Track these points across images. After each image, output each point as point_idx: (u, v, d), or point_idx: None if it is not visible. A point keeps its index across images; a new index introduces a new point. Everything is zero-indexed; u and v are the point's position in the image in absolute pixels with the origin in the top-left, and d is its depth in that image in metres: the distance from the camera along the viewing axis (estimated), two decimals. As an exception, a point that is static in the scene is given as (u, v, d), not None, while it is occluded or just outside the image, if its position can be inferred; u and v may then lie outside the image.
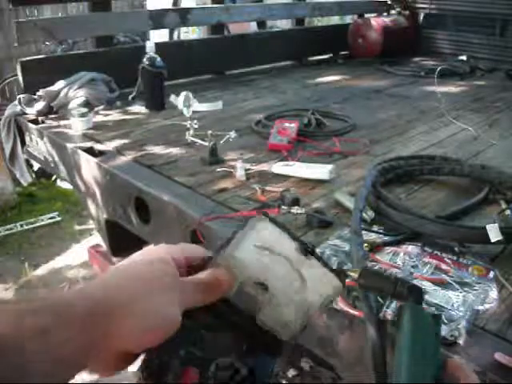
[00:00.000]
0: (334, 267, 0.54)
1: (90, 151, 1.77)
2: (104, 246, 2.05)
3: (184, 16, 2.85)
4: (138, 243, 1.43)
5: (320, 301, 0.51)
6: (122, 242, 1.84)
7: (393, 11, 4.11)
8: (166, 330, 0.42)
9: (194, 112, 2.08)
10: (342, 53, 3.81)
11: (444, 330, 0.85)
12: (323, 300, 0.51)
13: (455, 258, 1.08)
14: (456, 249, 1.11)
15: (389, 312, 0.90)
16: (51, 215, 3.58)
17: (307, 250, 0.51)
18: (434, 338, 0.45)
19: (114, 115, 2.23)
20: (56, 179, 3.65)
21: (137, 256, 0.48)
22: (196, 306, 0.46)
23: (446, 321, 0.87)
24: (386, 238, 1.16)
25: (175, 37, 5.37)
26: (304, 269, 0.51)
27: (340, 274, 0.52)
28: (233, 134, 1.81)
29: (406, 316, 0.46)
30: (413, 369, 0.42)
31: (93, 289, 0.42)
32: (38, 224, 3.49)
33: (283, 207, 1.26)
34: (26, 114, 2.18)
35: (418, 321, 0.45)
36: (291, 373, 1.34)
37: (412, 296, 0.48)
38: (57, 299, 0.40)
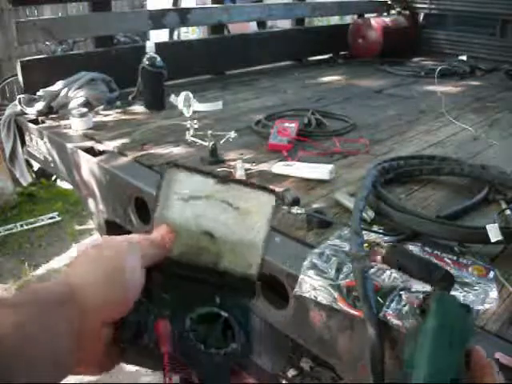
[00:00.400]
0: (334, 267, 0.54)
1: (89, 151, 1.77)
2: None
3: (184, 16, 2.85)
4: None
5: (266, 220, 0.51)
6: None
7: (393, 11, 4.11)
8: (133, 291, 0.45)
9: (194, 112, 2.08)
10: (342, 53, 3.81)
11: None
12: (268, 217, 0.51)
13: (455, 258, 1.08)
14: (456, 249, 1.11)
15: (389, 312, 0.90)
16: (51, 215, 3.59)
17: (225, 179, 0.51)
18: (461, 328, 0.42)
19: (114, 115, 2.22)
20: (56, 179, 3.65)
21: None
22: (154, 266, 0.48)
23: (446, 321, 0.87)
24: (386, 238, 1.16)
25: (175, 37, 5.37)
26: (233, 198, 0.51)
27: (265, 188, 0.51)
28: (233, 134, 1.81)
29: (436, 304, 0.43)
30: (437, 357, 0.40)
31: (66, 273, 0.45)
32: (37, 224, 3.49)
33: (283, 207, 1.26)
34: (26, 113, 2.18)
35: (448, 309, 0.43)
36: (291, 373, 1.34)
37: (443, 283, 0.46)
38: (39, 288, 0.42)
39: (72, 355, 0.41)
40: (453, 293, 0.95)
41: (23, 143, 2.24)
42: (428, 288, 0.50)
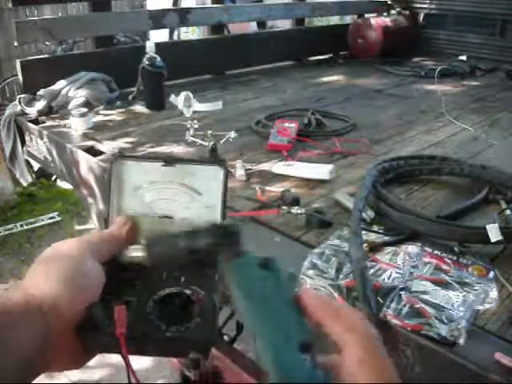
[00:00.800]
0: (334, 267, 0.53)
1: (90, 151, 1.77)
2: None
3: (184, 16, 2.85)
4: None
5: (220, 193, 0.51)
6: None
7: (393, 11, 4.11)
8: (92, 284, 0.45)
9: (194, 112, 2.08)
10: (342, 53, 3.81)
11: (444, 330, 0.85)
12: (221, 190, 0.51)
13: (455, 258, 1.08)
14: (456, 249, 1.11)
15: (389, 312, 0.90)
16: (51, 215, 3.59)
17: (172, 159, 0.51)
18: (273, 286, 0.35)
19: (114, 115, 2.22)
20: (56, 179, 3.65)
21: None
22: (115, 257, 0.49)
23: (446, 321, 0.87)
24: (386, 238, 1.16)
25: (175, 37, 5.37)
26: (183, 178, 0.51)
27: (215, 162, 0.51)
28: (233, 134, 1.81)
29: (232, 280, 0.36)
30: (265, 327, 0.33)
31: (22, 284, 0.45)
32: (37, 224, 3.49)
33: (283, 207, 1.26)
34: (26, 113, 2.18)
35: (250, 282, 0.35)
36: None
37: (225, 246, 0.38)
38: (2, 298, 0.43)
39: (41, 355, 0.41)
40: (453, 293, 0.95)
41: (23, 143, 2.24)
42: None
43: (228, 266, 0.36)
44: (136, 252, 0.50)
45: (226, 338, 1.38)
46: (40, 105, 2.17)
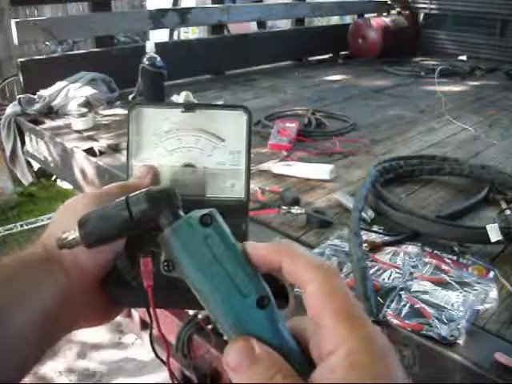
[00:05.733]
0: (334, 266, 0.51)
1: (90, 151, 1.77)
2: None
3: (184, 16, 2.85)
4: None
5: (243, 139, 0.49)
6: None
7: (393, 11, 4.11)
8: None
9: (194, 112, 2.08)
10: (342, 53, 3.81)
11: (444, 330, 0.85)
12: (245, 136, 0.49)
13: (455, 258, 1.08)
14: (456, 249, 1.11)
15: (389, 312, 0.90)
16: (51, 215, 3.58)
17: (192, 105, 0.49)
18: (225, 252, 0.32)
19: (114, 115, 2.22)
20: (56, 179, 3.65)
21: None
22: None
23: (446, 321, 0.87)
24: (386, 238, 1.16)
25: (175, 37, 5.37)
26: (204, 124, 0.49)
27: (237, 106, 0.49)
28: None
29: (173, 245, 0.32)
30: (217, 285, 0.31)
31: (44, 234, 0.45)
32: (37, 224, 3.49)
33: (283, 207, 1.26)
34: (26, 113, 2.18)
35: (192, 243, 0.32)
36: None
37: (162, 211, 0.34)
38: (21, 253, 0.43)
39: (64, 309, 0.41)
40: (453, 293, 0.95)
41: (23, 143, 2.24)
42: None
43: (168, 231, 0.33)
44: None
45: (225, 337, 1.38)
46: (40, 105, 2.17)
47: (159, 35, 4.86)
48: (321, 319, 0.29)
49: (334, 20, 5.21)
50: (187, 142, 0.49)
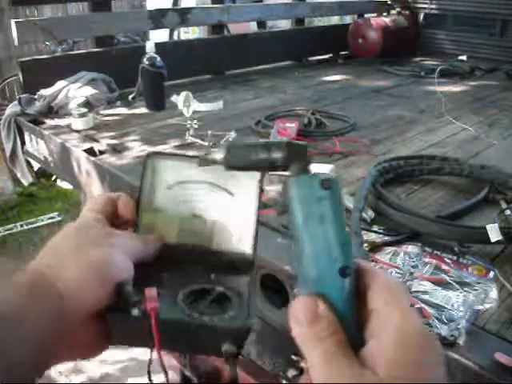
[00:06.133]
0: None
1: (90, 151, 1.77)
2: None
3: (184, 16, 2.85)
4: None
5: (254, 197, 0.50)
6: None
7: (393, 11, 4.11)
8: (119, 277, 0.42)
9: (194, 112, 2.08)
10: (342, 53, 3.81)
11: (444, 330, 0.85)
12: (256, 194, 0.50)
13: (455, 258, 1.08)
14: (456, 249, 1.11)
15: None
16: (51, 215, 3.59)
17: (208, 160, 0.48)
18: (330, 216, 0.35)
19: (114, 115, 2.23)
20: (56, 179, 3.65)
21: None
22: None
23: (446, 321, 0.87)
24: (386, 238, 1.16)
25: (175, 37, 5.37)
26: (218, 179, 0.50)
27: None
28: (233, 134, 1.81)
29: (292, 193, 0.36)
30: (312, 236, 0.34)
31: (32, 264, 0.42)
32: (38, 224, 3.49)
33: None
34: (26, 113, 2.18)
35: (308, 198, 0.35)
36: (291, 373, 1.34)
37: (294, 161, 0.37)
38: (14, 276, 0.40)
39: (56, 340, 0.39)
40: (453, 293, 0.95)
41: (23, 143, 2.24)
42: None
43: (293, 180, 0.36)
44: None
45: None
46: (40, 105, 2.17)
47: (159, 35, 4.87)
48: (375, 305, 0.32)
49: (334, 20, 5.21)
50: (199, 194, 0.51)
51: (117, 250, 0.43)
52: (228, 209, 0.50)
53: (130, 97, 2.35)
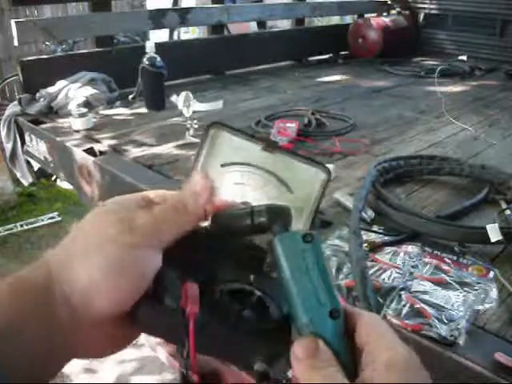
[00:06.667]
0: (334, 267, 0.51)
1: (90, 151, 1.77)
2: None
3: (184, 16, 2.85)
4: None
5: (313, 198, 0.46)
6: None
7: (393, 11, 4.11)
8: (140, 275, 0.37)
9: (194, 112, 2.08)
10: (342, 53, 3.81)
11: (444, 330, 0.85)
12: (316, 195, 0.45)
13: (455, 258, 1.08)
14: (456, 249, 1.11)
15: (389, 312, 0.90)
16: (51, 215, 3.58)
17: (274, 145, 0.46)
18: (315, 266, 0.37)
19: (114, 115, 2.23)
20: (56, 179, 3.65)
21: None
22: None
23: (446, 321, 0.87)
24: (386, 238, 1.16)
25: (175, 37, 5.37)
26: (279, 170, 0.46)
27: (320, 164, 0.46)
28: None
29: (278, 251, 0.37)
30: (307, 301, 0.36)
31: (44, 259, 0.38)
32: (38, 224, 3.49)
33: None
34: (26, 114, 2.18)
35: (292, 252, 0.37)
36: (291, 373, 1.34)
37: (276, 222, 0.39)
38: (12, 278, 0.36)
39: (64, 345, 0.36)
40: (453, 293, 0.95)
41: (23, 143, 2.24)
42: None
43: (277, 239, 0.38)
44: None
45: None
46: (40, 105, 2.17)
47: (159, 35, 4.87)
48: (364, 340, 0.35)
49: (334, 20, 5.20)
50: (254, 181, 0.46)
51: (134, 244, 0.37)
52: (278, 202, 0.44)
53: (130, 97, 2.35)
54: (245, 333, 0.39)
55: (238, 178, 0.47)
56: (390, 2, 4.16)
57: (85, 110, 2.04)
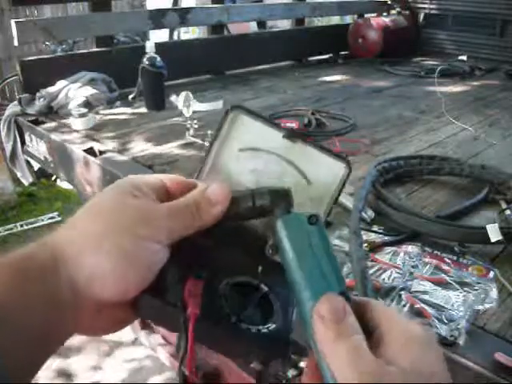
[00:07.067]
0: None
1: (90, 151, 1.77)
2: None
3: (184, 16, 2.85)
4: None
5: (331, 192, 0.44)
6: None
7: (393, 11, 4.11)
8: (146, 266, 0.37)
9: (194, 112, 2.08)
10: (342, 53, 3.81)
11: (444, 330, 0.85)
12: (334, 188, 0.44)
13: (455, 258, 1.08)
14: (456, 249, 1.11)
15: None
16: (51, 215, 3.59)
17: (296, 134, 0.45)
18: (322, 249, 0.36)
19: (114, 115, 2.23)
20: (56, 179, 3.65)
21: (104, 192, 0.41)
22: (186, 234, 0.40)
23: (446, 321, 0.87)
24: (386, 238, 1.16)
25: (175, 37, 5.37)
26: (299, 160, 0.45)
27: (340, 156, 0.44)
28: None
29: (281, 233, 0.37)
30: (312, 283, 0.35)
31: (53, 236, 0.37)
32: (38, 224, 3.49)
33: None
34: (26, 113, 2.18)
35: (297, 234, 0.36)
36: (291, 373, 1.34)
37: (278, 205, 0.38)
38: (17, 254, 0.36)
39: (53, 327, 0.35)
40: (453, 293, 0.95)
41: (23, 143, 2.24)
42: None
43: (281, 221, 0.37)
44: None
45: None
46: (40, 105, 2.17)
47: (159, 35, 4.87)
48: (376, 322, 0.34)
49: (334, 20, 5.20)
50: (272, 169, 0.45)
51: (150, 238, 0.37)
52: (299, 194, 0.42)
53: (130, 97, 2.35)
54: (243, 335, 0.38)
55: (255, 165, 0.45)
56: (389, 2, 4.16)
57: (85, 110, 2.04)
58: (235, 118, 0.46)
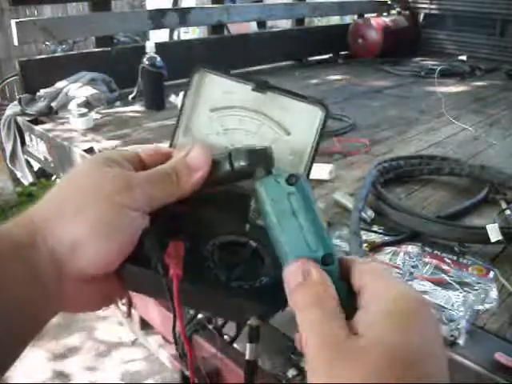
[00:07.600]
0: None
1: (90, 151, 1.77)
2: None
3: (184, 16, 2.85)
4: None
5: (310, 138, 0.42)
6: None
7: (393, 11, 4.11)
8: (120, 235, 0.36)
9: (193, 112, 2.08)
10: (342, 53, 3.81)
11: (444, 330, 0.85)
12: (313, 134, 0.42)
13: (455, 258, 1.08)
14: (456, 249, 1.11)
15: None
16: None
17: (265, 84, 0.43)
18: (303, 209, 0.35)
19: (114, 115, 2.23)
20: (56, 179, 3.64)
21: (81, 165, 0.41)
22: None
23: (446, 321, 0.87)
24: (386, 238, 1.16)
25: (175, 37, 5.37)
26: (272, 110, 0.42)
27: (315, 100, 0.42)
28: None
29: (261, 196, 0.36)
30: (293, 244, 0.34)
31: (28, 212, 0.37)
32: (37, 224, 3.48)
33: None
34: (26, 113, 2.18)
35: (277, 197, 0.35)
36: (291, 373, 1.34)
37: (258, 166, 0.36)
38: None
39: (47, 300, 0.35)
40: (453, 293, 0.95)
41: (23, 143, 2.24)
42: None
43: (260, 184, 0.36)
44: None
45: (226, 337, 1.38)
46: (40, 105, 2.17)
47: (159, 35, 4.86)
48: (363, 283, 0.32)
49: (334, 20, 5.20)
50: (247, 125, 0.43)
51: (130, 205, 0.36)
52: (278, 148, 0.41)
53: (130, 97, 2.35)
54: (235, 293, 0.37)
55: (229, 124, 0.43)
56: (389, 2, 4.16)
57: (85, 109, 2.04)
58: (201, 78, 0.45)
